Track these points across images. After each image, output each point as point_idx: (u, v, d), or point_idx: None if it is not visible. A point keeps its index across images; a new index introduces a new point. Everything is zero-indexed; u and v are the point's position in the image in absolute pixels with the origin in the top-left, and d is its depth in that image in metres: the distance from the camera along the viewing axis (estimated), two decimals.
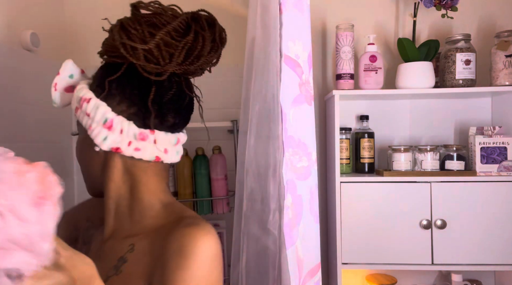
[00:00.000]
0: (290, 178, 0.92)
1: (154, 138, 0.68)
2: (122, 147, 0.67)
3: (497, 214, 1.39)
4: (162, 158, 0.70)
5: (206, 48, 0.70)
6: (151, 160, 0.69)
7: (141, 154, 0.68)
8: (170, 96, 0.69)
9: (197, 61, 0.70)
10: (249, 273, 0.93)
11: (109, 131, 0.66)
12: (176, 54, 0.67)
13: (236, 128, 1.52)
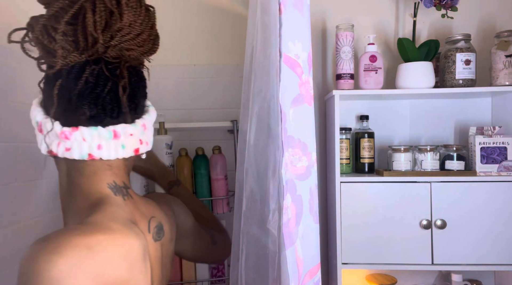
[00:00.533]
0: (289, 177, 0.92)
1: (81, 136, 0.64)
2: (53, 149, 0.65)
3: (497, 214, 1.39)
4: (96, 155, 0.65)
5: (101, 19, 0.62)
6: (83, 158, 0.65)
7: (71, 153, 0.64)
8: (81, 86, 0.63)
9: (110, 39, 0.63)
10: (248, 273, 0.93)
11: (41, 135, 0.66)
12: (80, 40, 0.62)
13: (236, 128, 1.52)
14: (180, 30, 1.69)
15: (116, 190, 0.68)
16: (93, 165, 0.67)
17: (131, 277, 0.61)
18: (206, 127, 1.57)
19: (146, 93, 0.77)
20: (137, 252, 0.63)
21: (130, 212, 0.68)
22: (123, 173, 0.71)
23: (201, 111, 1.68)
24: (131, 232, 0.64)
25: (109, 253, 0.58)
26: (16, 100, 1.25)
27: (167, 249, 0.78)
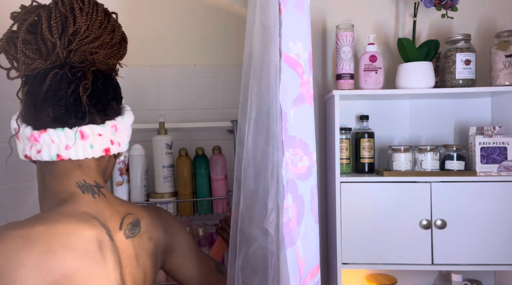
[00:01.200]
0: (290, 177, 0.91)
1: (49, 137, 0.68)
2: (27, 153, 0.70)
3: (497, 214, 1.39)
4: (65, 155, 0.69)
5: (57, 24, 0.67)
6: (52, 159, 0.69)
7: (42, 155, 0.68)
8: (45, 90, 0.67)
9: (68, 43, 0.68)
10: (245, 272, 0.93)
11: (18, 141, 0.71)
12: (41, 47, 0.67)
13: (236, 128, 1.52)
14: (180, 30, 1.69)
15: (85, 188, 0.71)
16: (63, 166, 0.70)
17: (81, 265, 0.62)
18: (206, 127, 1.57)
19: (117, 96, 0.78)
20: (90, 243, 0.64)
21: (98, 209, 0.70)
22: (94, 172, 0.73)
23: (201, 111, 1.68)
24: (85, 224, 0.65)
25: (51, 243, 0.60)
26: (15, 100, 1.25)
27: (144, 246, 0.78)
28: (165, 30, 1.68)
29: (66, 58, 0.68)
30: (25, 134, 0.69)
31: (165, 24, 1.68)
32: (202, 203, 1.48)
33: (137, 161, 1.39)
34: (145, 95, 1.63)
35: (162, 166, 1.42)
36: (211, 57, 1.69)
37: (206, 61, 1.68)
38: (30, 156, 0.70)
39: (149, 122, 1.53)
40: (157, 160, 1.43)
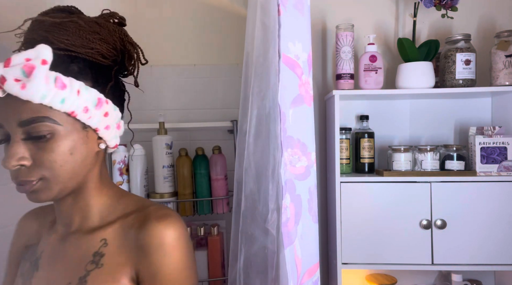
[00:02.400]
0: (289, 177, 0.92)
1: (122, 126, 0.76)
2: (118, 142, 0.75)
3: (497, 214, 1.39)
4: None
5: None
6: (113, 146, 0.73)
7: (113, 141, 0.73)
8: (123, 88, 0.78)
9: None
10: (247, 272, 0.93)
11: (110, 130, 0.71)
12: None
13: (236, 128, 1.52)
14: (180, 30, 1.69)
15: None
16: (104, 154, 0.76)
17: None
18: (206, 127, 1.57)
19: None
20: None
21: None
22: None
23: (201, 111, 1.69)
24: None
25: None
26: None
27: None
28: (165, 30, 1.69)
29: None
30: (119, 122, 0.73)
31: (165, 24, 1.69)
32: (202, 203, 1.48)
33: (137, 161, 1.39)
34: (145, 95, 1.63)
35: (162, 166, 1.42)
36: (211, 57, 1.69)
37: (206, 61, 1.69)
38: (117, 144, 0.74)
39: (149, 122, 1.53)
40: (157, 160, 1.43)
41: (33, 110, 0.59)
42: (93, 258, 0.67)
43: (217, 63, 1.69)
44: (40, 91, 0.57)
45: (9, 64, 0.57)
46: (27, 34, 0.64)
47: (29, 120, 0.59)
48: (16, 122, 0.59)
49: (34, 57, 0.58)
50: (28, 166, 0.60)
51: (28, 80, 0.57)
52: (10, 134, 0.60)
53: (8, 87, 0.57)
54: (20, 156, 0.59)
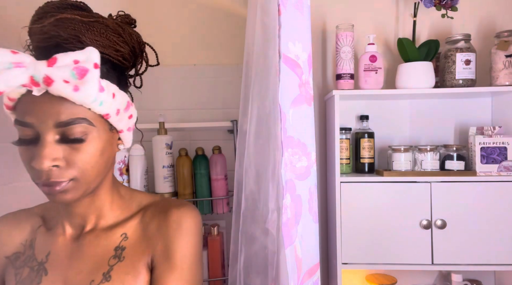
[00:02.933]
0: (289, 177, 0.92)
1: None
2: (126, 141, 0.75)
3: (497, 214, 1.39)
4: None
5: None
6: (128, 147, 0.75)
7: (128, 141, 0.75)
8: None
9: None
10: (247, 272, 0.93)
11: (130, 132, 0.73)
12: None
13: (236, 128, 1.52)
14: (180, 30, 1.69)
15: None
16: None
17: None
18: (206, 127, 1.57)
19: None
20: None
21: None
22: None
23: (201, 111, 1.69)
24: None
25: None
26: None
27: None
28: (165, 30, 1.69)
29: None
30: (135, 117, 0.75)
31: (165, 24, 1.69)
32: (202, 203, 1.48)
33: (137, 161, 1.39)
34: (145, 95, 1.63)
35: (162, 166, 1.42)
36: (211, 57, 1.69)
37: (206, 61, 1.69)
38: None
39: (149, 122, 1.53)
40: (157, 160, 1.43)
41: (72, 111, 0.58)
42: (115, 253, 0.68)
43: (217, 63, 1.69)
44: (93, 95, 0.58)
45: (53, 63, 0.56)
46: (49, 30, 0.61)
47: (68, 121, 0.58)
48: (54, 123, 0.58)
49: (84, 59, 0.57)
50: (62, 166, 0.59)
51: (81, 83, 0.56)
52: (41, 134, 0.58)
53: (57, 88, 0.56)
54: (54, 156, 0.58)
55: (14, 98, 0.60)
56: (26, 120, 0.58)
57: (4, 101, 0.61)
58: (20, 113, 0.59)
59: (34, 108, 0.58)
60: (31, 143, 0.60)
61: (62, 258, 0.69)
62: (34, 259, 0.70)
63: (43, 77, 0.56)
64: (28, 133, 0.59)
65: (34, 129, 0.59)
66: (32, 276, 0.68)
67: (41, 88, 0.57)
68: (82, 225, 0.71)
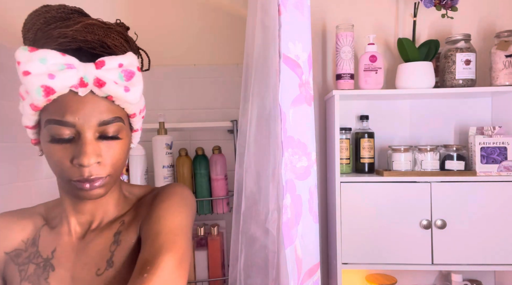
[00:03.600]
0: (289, 177, 0.92)
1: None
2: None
3: (497, 214, 1.39)
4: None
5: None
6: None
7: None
8: None
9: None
10: (248, 272, 0.93)
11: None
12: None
13: (236, 128, 1.52)
14: (180, 30, 1.69)
15: None
16: None
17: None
18: (206, 127, 1.57)
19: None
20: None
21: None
22: None
23: (201, 111, 1.69)
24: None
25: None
26: (16, 100, 1.25)
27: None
28: (165, 30, 1.69)
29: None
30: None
31: (165, 24, 1.69)
32: (202, 203, 1.48)
33: (137, 161, 1.39)
34: (145, 95, 1.63)
35: (162, 166, 1.42)
36: (211, 57, 1.69)
37: (206, 61, 1.69)
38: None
39: (149, 122, 1.53)
40: (157, 160, 1.43)
41: (112, 111, 0.63)
42: (114, 238, 0.70)
43: (217, 63, 1.69)
44: (139, 95, 0.64)
45: (102, 66, 0.60)
46: (76, 34, 0.62)
47: (110, 120, 0.62)
48: (97, 122, 0.61)
49: (128, 64, 0.62)
50: (101, 163, 0.63)
51: (130, 84, 0.62)
52: (83, 133, 0.61)
53: (109, 89, 0.60)
54: (97, 153, 0.61)
55: (51, 99, 0.60)
56: (67, 119, 0.60)
57: (33, 101, 0.61)
58: (57, 113, 0.61)
59: (78, 108, 0.60)
60: (68, 141, 0.62)
61: (69, 254, 0.70)
62: (39, 255, 0.70)
63: (94, 79, 0.59)
64: (66, 132, 0.61)
65: (74, 129, 0.61)
66: (39, 272, 0.69)
67: (86, 89, 0.60)
68: (89, 221, 0.72)
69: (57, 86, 0.58)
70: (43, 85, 0.57)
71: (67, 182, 0.63)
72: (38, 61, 0.57)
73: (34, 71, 0.57)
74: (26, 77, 0.58)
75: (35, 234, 0.73)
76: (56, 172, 0.64)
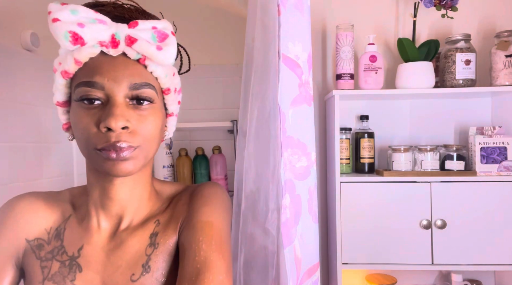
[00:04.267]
0: (288, 177, 0.92)
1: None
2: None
3: (497, 214, 1.39)
4: None
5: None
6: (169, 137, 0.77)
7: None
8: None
9: None
10: (247, 272, 0.93)
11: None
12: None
13: (236, 128, 1.52)
14: (180, 30, 1.69)
15: None
16: None
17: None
18: (206, 127, 1.57)
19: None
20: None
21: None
22: None
23: (201, 111, 1.69)
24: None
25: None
26: (16, 100, 1.25)
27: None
28: None
29: None
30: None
31: None
32: None
33: None
34: None
35: (162, 166, 1.43)
36: (211, 57, 1.69)
37: (206, 61, 1.69)
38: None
39: None
40: (157, 160, 1.43)
41: (144, 76, 0.59)
42: (150, 241, 0.64)
43: (217, 63, 1.69)
44: (173, 57, 0.60)
45: (135, 26, 0.58)
46: (112, 10, 0.61)
47: (142, 84, 0.58)
48: (128, 84, 0.57)
49: (162, 27, 0.61)
50: (130, 130, 0.57)
51: (163, 44, 0.59)
52: (113, 96, 0.57)
53: (140, 46, 0.57)
54: (127, 117, 0.57)
55: (81, 62, 0.57)
56: (96, 80, 0.56)
57: (65, 68, 0.58)
58: (87, 75, 0.57)
59: (108, 69, 0.57)
60: (97, 107, 0.57)
61: (98, 254, 0.63)
62: (64, 252, 0.64)
63: (126, 36, 0.57)
64: (95, 94, 0.57)
65: (104, 92, 0.57)
66: (64, 272, 0.62)
67: (118, 50, 0.57)
68: (119, 216, 0.66)
69: (86, 36, 0.55)
70: (71, 31, 0.54)
71: (93, 152, 0.57)
72: (69, 11, 0.55)
73: (64, 19, 0.54)
74: (54, 24, 0.54)
75: (60, 225, 0.66)
76: (81, 142, 0.58)
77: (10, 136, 1.21)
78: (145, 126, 0.59)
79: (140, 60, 0.59)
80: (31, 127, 1.34)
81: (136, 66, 0.59)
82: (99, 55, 0.57)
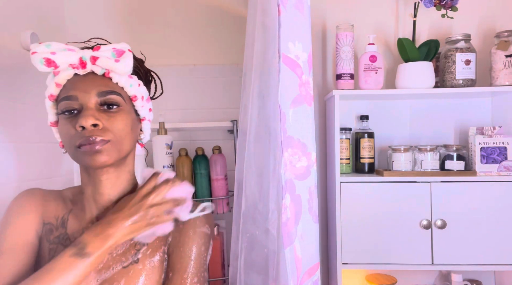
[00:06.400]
0: (289, 177, 0.92)
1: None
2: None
3: (497, 214, 1.39)
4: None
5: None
6: (144, 142, 0.88)
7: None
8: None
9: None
10: (248, 272, 0.93)
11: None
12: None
13: (236, 128, 1.52)
14: (180, 30, 1.69)
15: None
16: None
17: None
18: (206, 127, 1.57)
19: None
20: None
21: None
22: None
23: (201, 111, 1.69)
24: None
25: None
26: (17, 101, 1.25)
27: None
28: (165, 30, 1.69)
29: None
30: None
31: (165, 24, 1.69)
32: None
33: (137, 161, 1.39)
34: None
35: (162, 166, 1.42)
36: (211, 57, 1.69)
37: (206, 61, 1.69)
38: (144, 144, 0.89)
39: None
40: (157, 160, 1.43)
41: (110, 86, 0.71)
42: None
43: (217, 63, 1.69)
44: (129, 66, 0.71)
45: (97, 49, 0.71)
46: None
47: (107, 91, 0.70)
48: (96, 93, 0.70)
49: (120, 47, 0.72)
50: (101, 128, 0.69)
51: (120, 58, 0.71)
52: (84, 105, 0.69)
53: (102, 61, 0.70)
54: (97, 117, 0.68)
55: (61, 84, 0.71)
56: (71, 94, 0.69)
57: (50, 92, 0.73)
58: (65, 92, 0.71)
59: (80, 84, 0.70)
60: (75, 115, 0.70)
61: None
62: (67, 238, 0.75)
63: (90, 57, 0.70)
64: (72, 105, 0.70)
65: (78, 102, 0.69)
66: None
67: (87, 69, 0.71)
68: (108, 208, 0.75)
69: (57, 60, 0.68)
70: (45, 57, 0.67)
71: (75, 151, 0.69)
72: (44, 46, 0.69)
73: (39, 51, 0.68)
74: (32, 56, 0.68)
75: (64, 215, 0.77)
76: (66, 145, 0.71)
77: (10, 136, 1.21)
78: (114, 124, 0.71)
79: (105, 74, 0.71)
80: (31, 128, 1.34)
81: (103, 79, 0.72)
82: (73, 77, 0.71)
